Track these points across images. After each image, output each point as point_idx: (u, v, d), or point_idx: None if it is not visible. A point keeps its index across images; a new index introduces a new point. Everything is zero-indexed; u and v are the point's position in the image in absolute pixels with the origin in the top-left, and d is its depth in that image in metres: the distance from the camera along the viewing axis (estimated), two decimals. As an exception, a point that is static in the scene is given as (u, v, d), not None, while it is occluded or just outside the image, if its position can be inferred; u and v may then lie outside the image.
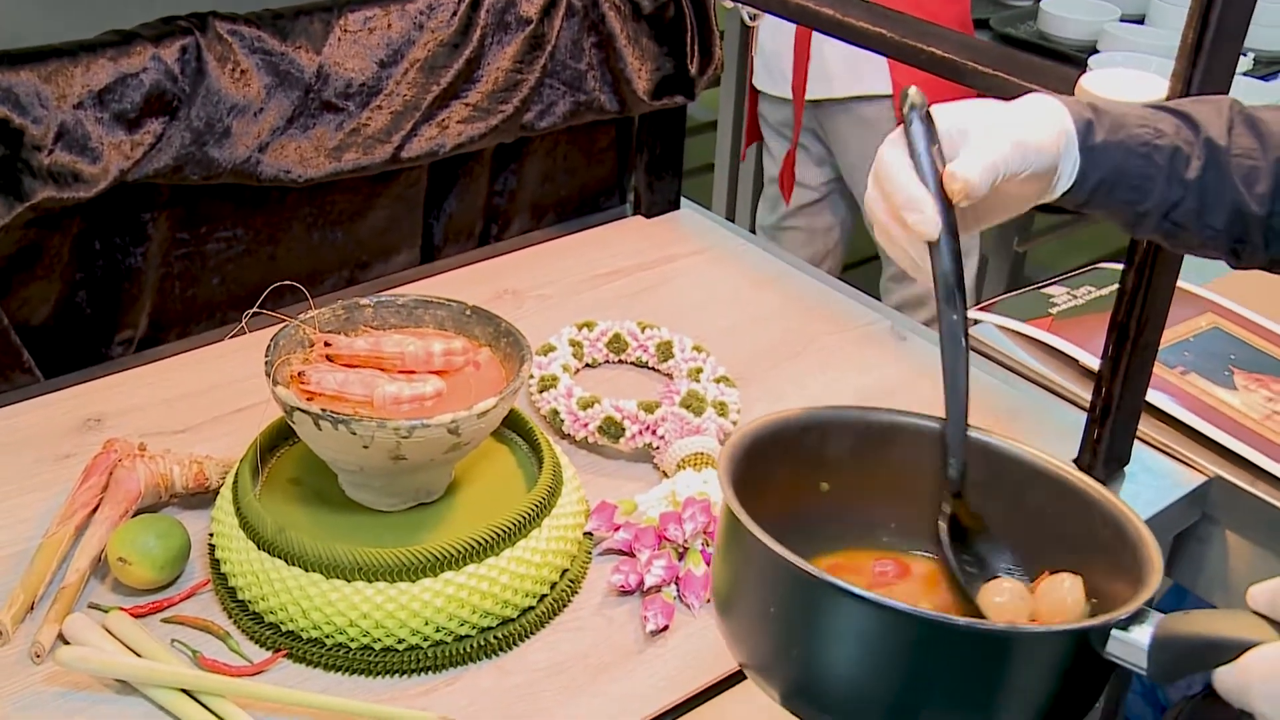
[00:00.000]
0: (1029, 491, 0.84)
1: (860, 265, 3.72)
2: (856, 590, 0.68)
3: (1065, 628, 0.70)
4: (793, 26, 2.07)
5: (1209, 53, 0.97)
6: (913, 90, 0.82)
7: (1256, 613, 0.67)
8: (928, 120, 0.83)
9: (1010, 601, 0.78)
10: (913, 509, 0.86)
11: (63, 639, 0.96)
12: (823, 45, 2.11)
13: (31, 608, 0.99)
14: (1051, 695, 0.70)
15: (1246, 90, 2.07)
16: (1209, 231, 0.91)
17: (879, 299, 1.50)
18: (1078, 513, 0.82)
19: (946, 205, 0.81)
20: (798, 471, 0.85)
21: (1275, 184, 0.90)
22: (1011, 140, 0.84)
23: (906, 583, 0.85)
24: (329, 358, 1.04)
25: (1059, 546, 0.82)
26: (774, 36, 2.19)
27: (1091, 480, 0.82)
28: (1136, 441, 1.22)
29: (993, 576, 0.81)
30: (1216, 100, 0.93)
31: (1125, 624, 0.69)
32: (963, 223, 0.84)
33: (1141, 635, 0.68)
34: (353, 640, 0.96)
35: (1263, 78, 2.23)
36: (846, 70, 2.12)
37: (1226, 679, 0.66)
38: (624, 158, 1.67)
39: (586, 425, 1.19)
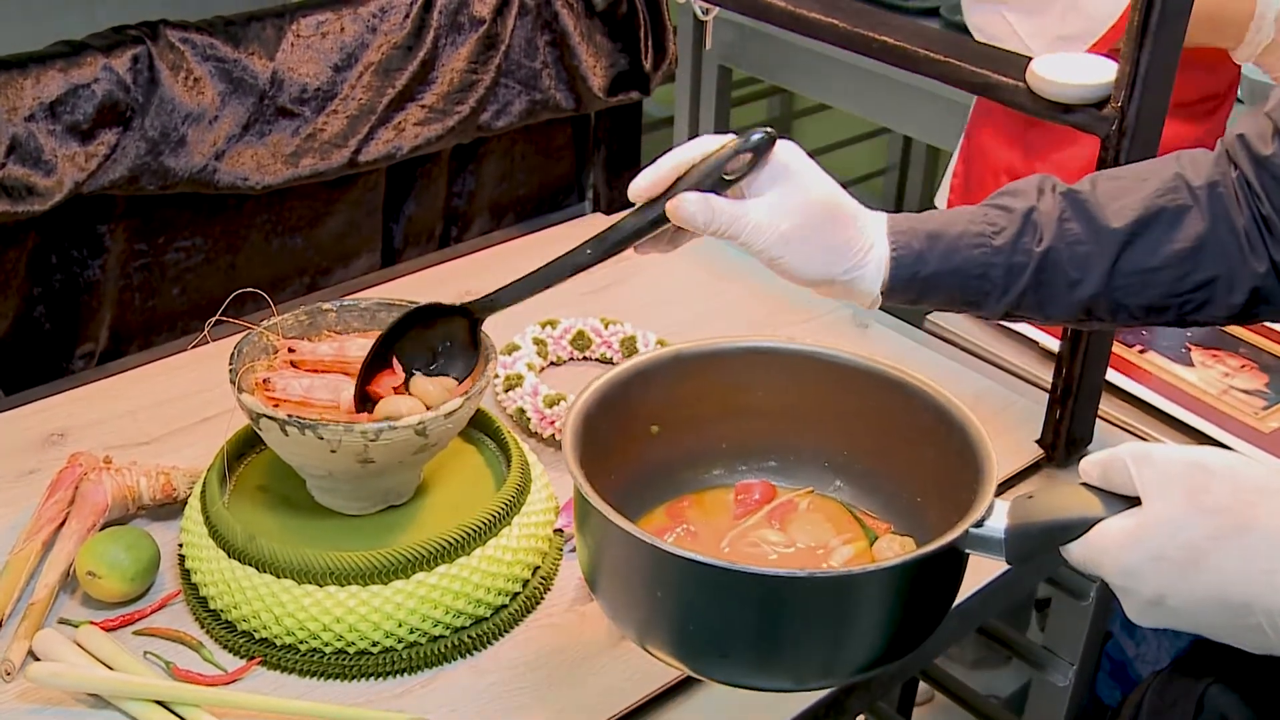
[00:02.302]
0: (848, 393, 0.91)
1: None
2: (709, 561, 0.73)
3: (938, 546, 0.75)
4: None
5: (1154, 35, 0.99)
6: (770, 130, 0.89)
7: (1090, 485, 0.74)
8: (762, 147, 0.89)
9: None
10: (739, 426, 0.93)
11: (33, 655, 0.95)
12: None
13: (0, 625, 0.98)
14: (929, 595, 0.78)
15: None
16: (1055, 318, 0.96)
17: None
18: (900, 406, 0.88)
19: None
20: (630, 425, 0.91)
21: (1111, 264, 0.93)
22: (772, 230, 0.88)
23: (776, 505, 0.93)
24: (293, 364, 1.04)
25: (886, 442, 0.89)
26: None
27: (910, 371, 0.87)
28: (1098, 420, 1.24)
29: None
30: (1040, 181, 0.96)
31: (979, 522, 0.75)
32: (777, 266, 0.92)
33: (995, 528, 0.75)
34: (326, 645, 0.96)
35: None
36: None
37: (1077, 554, 0.73)
38: (582, 155, 1.67)
39: (553, 423, 1.20)
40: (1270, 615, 0.68)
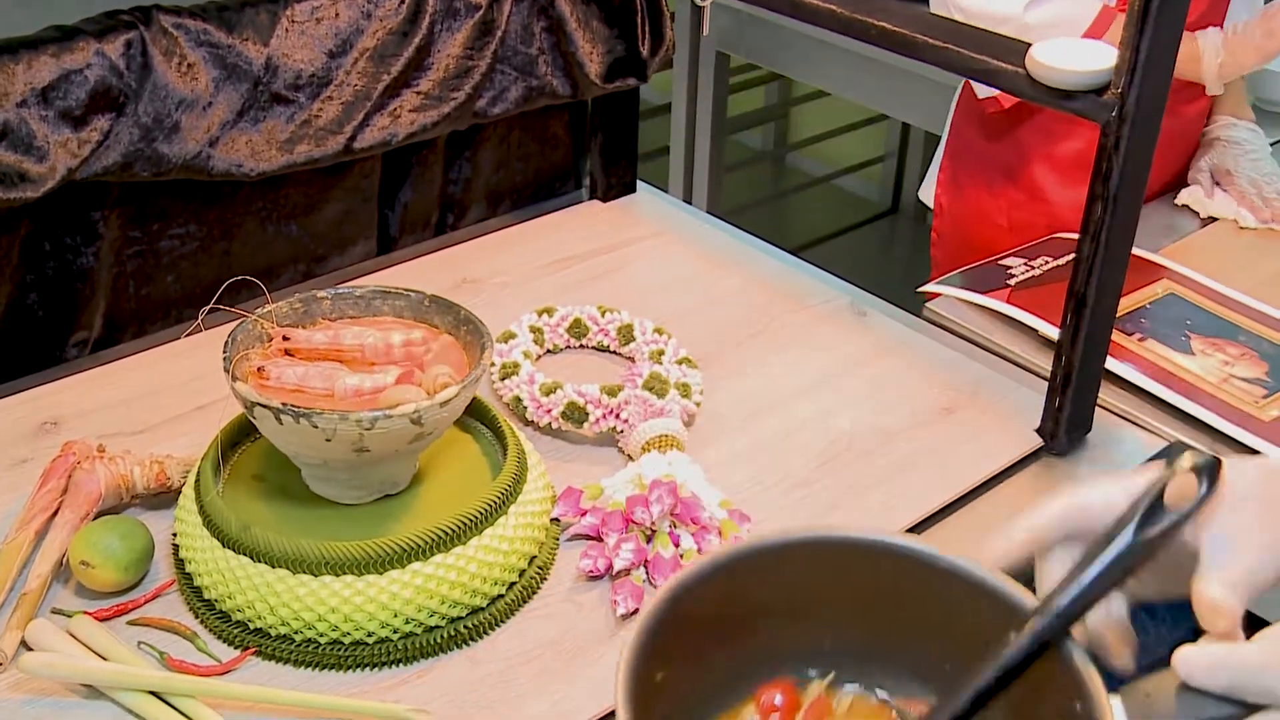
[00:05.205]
0: (942, 598, 0.77)
1: (818, 244, 3.73)
2: None
3: None
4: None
5: (1155, 20, 0.98)
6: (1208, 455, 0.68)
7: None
8: (1206, 485, 0.67)
9: None
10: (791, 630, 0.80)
11: (26, 645, 0.94)
12: None
13: (-7, 615, 0.98)
14: None
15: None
16: None
17: (837, 276, 1.51)
18: (993, 613, 0.74)
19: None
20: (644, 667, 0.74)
21: None
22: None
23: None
24: (288, 352, 1.03)
25: (919, 620, 0.77)
26: None
27: (1011, 581, 0.73)
28: (1097, 409, 1.23)
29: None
30: None
31: None
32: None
33: None
34: (322, 635, 0.95)
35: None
36: None
37: None
38: (578, 142, 1.66)
39: (550, 411, 1.19)
40: None
